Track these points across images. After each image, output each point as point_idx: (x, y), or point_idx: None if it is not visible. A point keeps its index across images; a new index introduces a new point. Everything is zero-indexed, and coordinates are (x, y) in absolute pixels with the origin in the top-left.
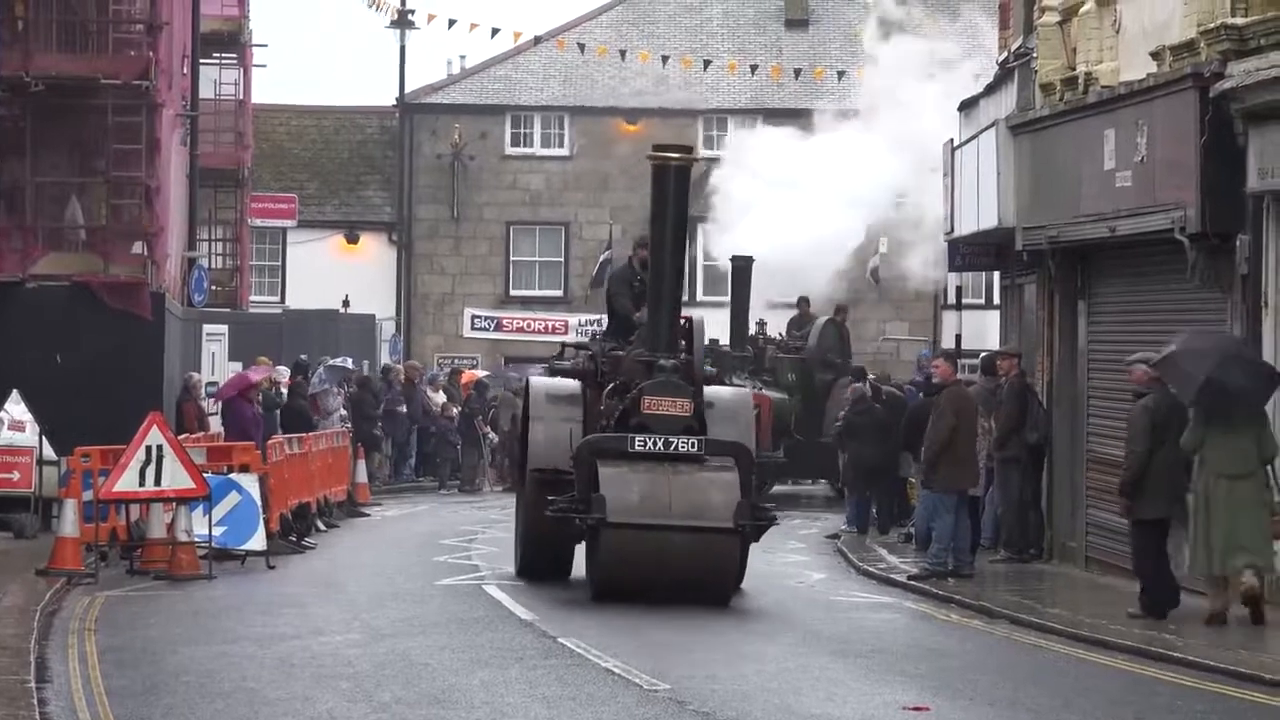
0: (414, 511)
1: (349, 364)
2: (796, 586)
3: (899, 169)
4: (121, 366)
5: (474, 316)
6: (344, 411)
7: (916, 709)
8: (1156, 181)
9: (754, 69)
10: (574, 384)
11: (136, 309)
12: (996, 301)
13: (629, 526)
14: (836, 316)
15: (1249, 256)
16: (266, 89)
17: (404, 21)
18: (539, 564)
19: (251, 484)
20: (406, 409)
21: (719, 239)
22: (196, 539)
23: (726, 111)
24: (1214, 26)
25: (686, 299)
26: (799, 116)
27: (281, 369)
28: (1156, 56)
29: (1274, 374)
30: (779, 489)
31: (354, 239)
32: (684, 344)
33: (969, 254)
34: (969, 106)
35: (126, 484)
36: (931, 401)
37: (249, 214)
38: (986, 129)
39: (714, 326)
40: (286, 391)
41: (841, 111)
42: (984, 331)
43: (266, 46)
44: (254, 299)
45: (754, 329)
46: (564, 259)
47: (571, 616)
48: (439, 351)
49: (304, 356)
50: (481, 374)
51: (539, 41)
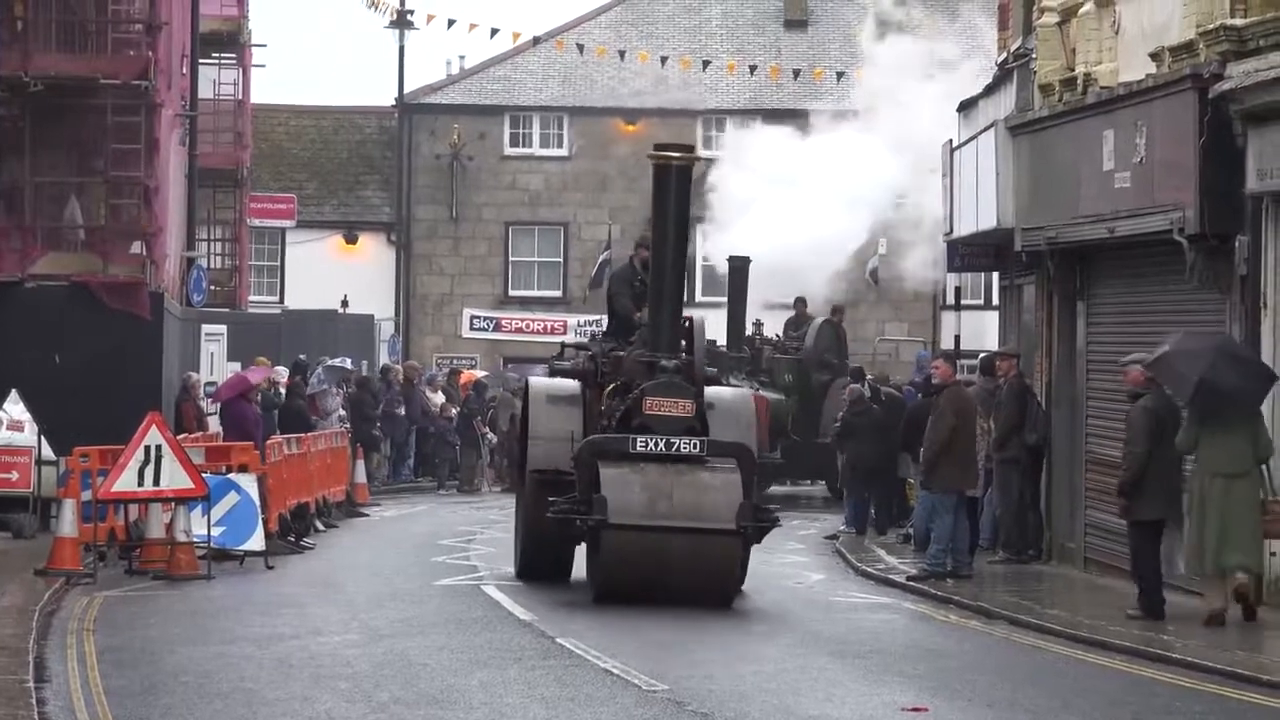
0: (412, 512)
1: (347, 364)
2: (795, 587)
3: (898, 169)
4: (120, 366)
5: (473, 317)
6: (342, 412)
7: (915, 709)
8: (1155, 182)
9: (753, 69)
10: (574, 384)
11: (135, 309)
12: (995, 302)
13: (630, 528)
14: (833, 317)
15: (1248, 257)
16: (266, 89)
17: (403, 22)
18: (539, 565)
19: (250, 484)
20: (405, 409)
21: (716, 239)
22: (195, 539)
23: (725, 112)
24: (1213, 27)
25: (685, 299)
26: (798, 117)
27: (280, 369)
28: (1156, 57)
29: (1269, 373)
30: (778, 490)
31: (353, 239)
32: (685, 344)
33: (968, 255)
34: (968, 107)
35: (125, 484)
36: (930, 402)
37: (248, 214)
38: (985, 130)
39: (711, 327)
40: (284, 392)
41: (839, 112)
42: (983, 332)
43: (266, 46)
44: (253, 299)
45: (751, 329)
46: (563, 259)
47: (570, 617)
48: (438, 352)
49: (303, 357)
50: (480, 374)
51: (538, 42)
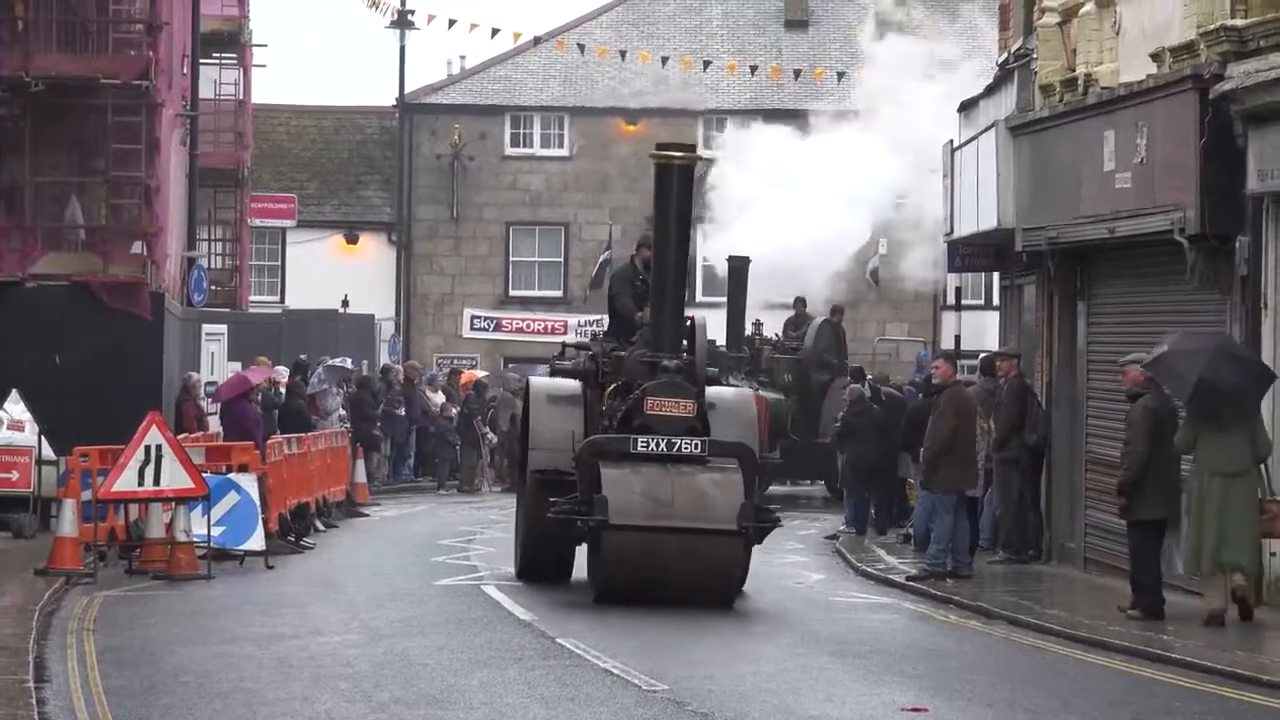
0: (412, 512)
1: (348, 364)
2: (795, 587)
3: (898, 170)
4: (120, 366)
5: (473, 317)
6: (342, 412)
7: (915, 709)
8: (1156, 183)
9: (754, 70)
10: (575, 385)
11: (136, 309)
12: (996, 302)
13: (632, 528)
14: (833, 317)
15: (1248, 258)
16: (266, 89)
17: (404, 22)
18: (540, 566)
19: (250, 484)
20: (405, 409)
21: (716, 239)
22: (195, 539)
23: (726, 112)
24: (1214, 28)
25: (686, 299)
26: (798, 117)
27: (281, 369)
28: (1156, 58)
29: (1266, 372)
30: (778, 490)
31: (353, 239)
32: (686, 344)
33: (968, 255)
34: (969, 107)
35: (125, 484)
36: (930, 402)
37: (248, 214)
38: (986, 130)
39: (710, 327)
40: (284, 391)
41: (840, 112)
42: (983, 332)
43: (266, 46)
44: (253, 299)
45: (750, 329)
46: (563, 259)
47: (570, 617)
48: (438, 352)
49: (303, 356)
50: (481, 374)
51: (539, 42)
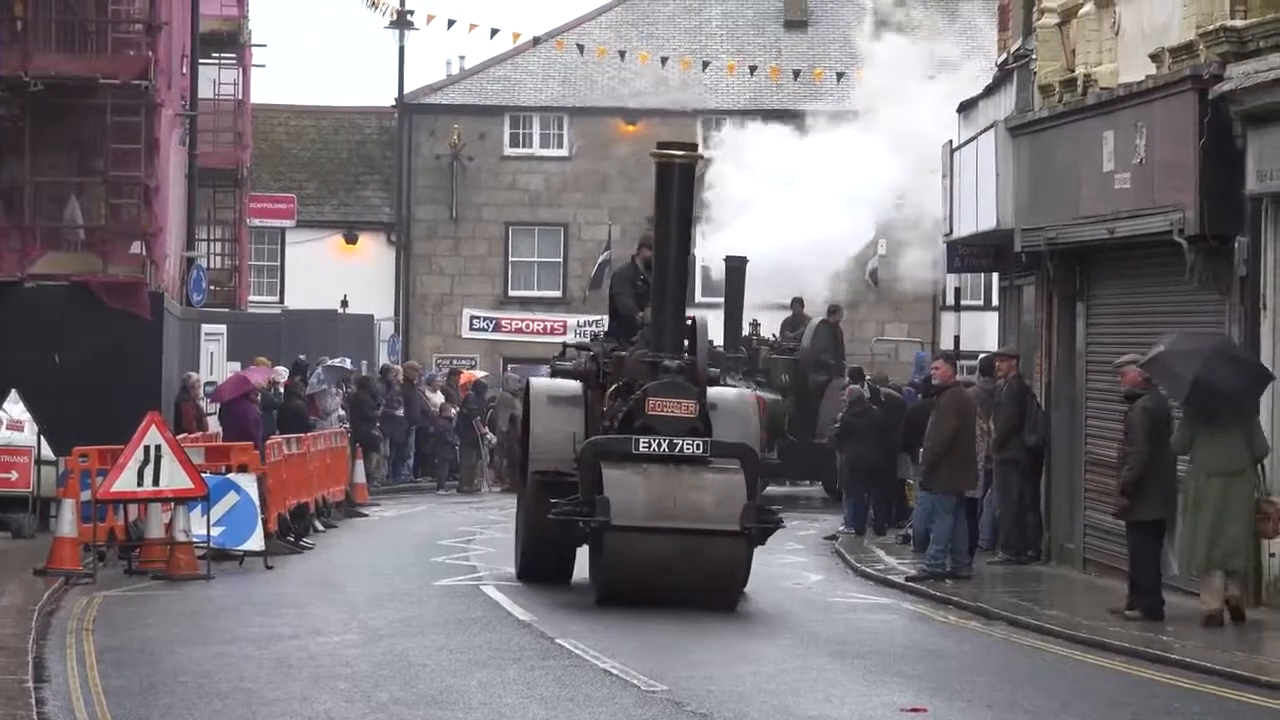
0: (412, 512)
1: (347, 364)
2: (794, 588)
3: (897, 170)
4: (120, 366)
5: (472, 317)
6: (342, 412)
7: (914, 710)
8: (1155, 183)
9: (753, 70)
10: (575, 385)
11: (135, 309)
12: (995, 303)
13: (633, 530)
14: (830, 317)
15: (1247, 258)
16: (265, 89)
17: (403, 22)
18: (540, 567)
19: (250, 484)
20: (405, 409)
21: (715, 239)
22: (195, 539)
23: (725, 112)
24: (1213, 29)
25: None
26: (797, 117)
27: (280, 369)
28: (1155, 58)
29: (1263, 372)
30: (777, 490)
31: (353, 239)
32: (687, 344)
33: (968, 255)
34: (968, 108)
35: (125, 484)
36: (930, 403)
37: (248, 214)
38: (985, 130)
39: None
40: (283, 391)
41: (839, 113)
42: (982, 333)
43: (266, 46)
44: (252, 299)
45: (748, 330)
46: (563, 260)
47: (569, 617)
48: (437, 352)
49: (302, 357)
50: (480, 374)
51: (538, 42)
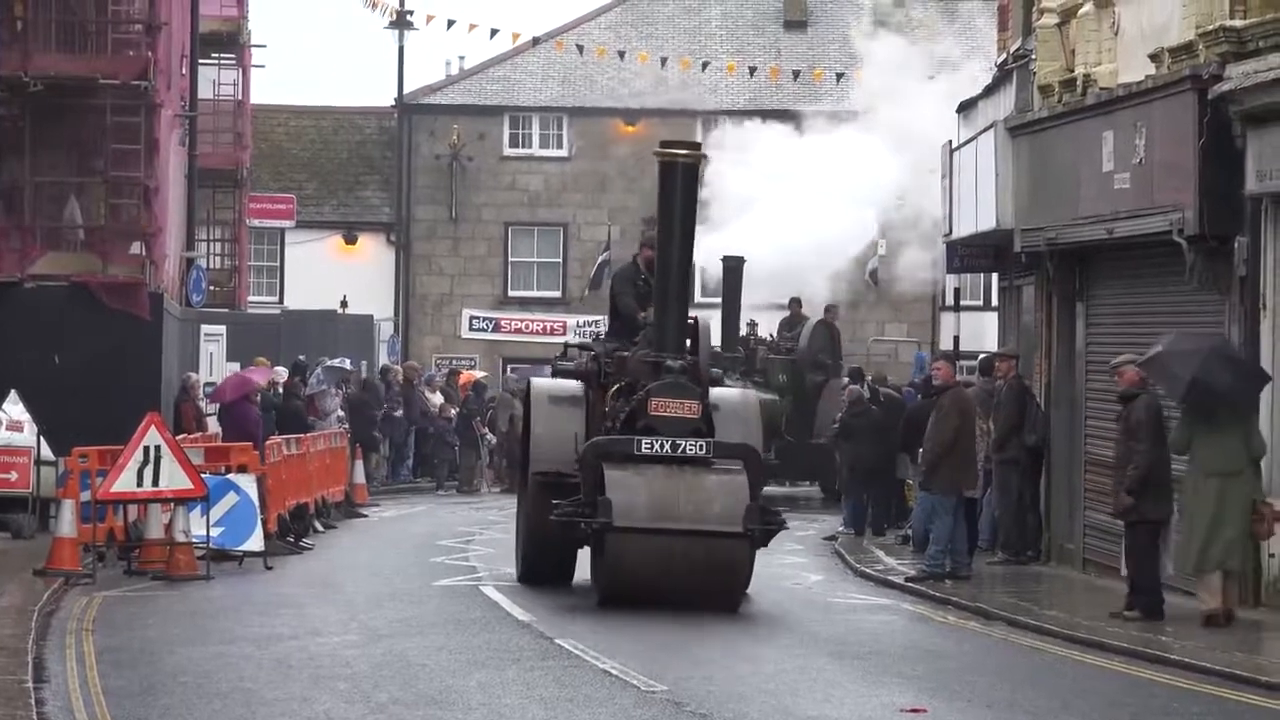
0: (411, 512)
1: (346, 365)
2: (794, 588)
3: (897, 170)
4: (119, 367)
5: (472, 317)
6: (341, 412)
7: (914, 710)
8: (1155, 183)
9: (752, 70)
10: (576, 385)
11: (135, 309)
12: (995, 303)
13: (636, 531)
14: (826, 317)
15: (1247, 259)
16: (265, 89)
17: (402, 22)
18: (541, 569)
19: (249, 485)
20: (404, 410)
21: (713, 239)
22: (194, 539)
23: (725, 113)
24: (1212, 29)
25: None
26: (797, 118)
27: (280, 370)
28: (1155, 58)
29: (1260, 373)
30: (776, 491)
31: (352, 239)
32: (689, 344)
33: (967, 255)
34: (967, 108)
35: (124, 484)
36: (929, 403)
37: (247, 214)
38: (985, 130)
39: None
40: (281, 392)
41: (838, 113)
42: (982, 333)
43: (265, 47)
44: (252, 299)
45: (745, 330)
46: (562, 260)
47: (569, 618)
48: (437, 352)
49: (302, 357)
50: (479, 375)
51: (538, 42)
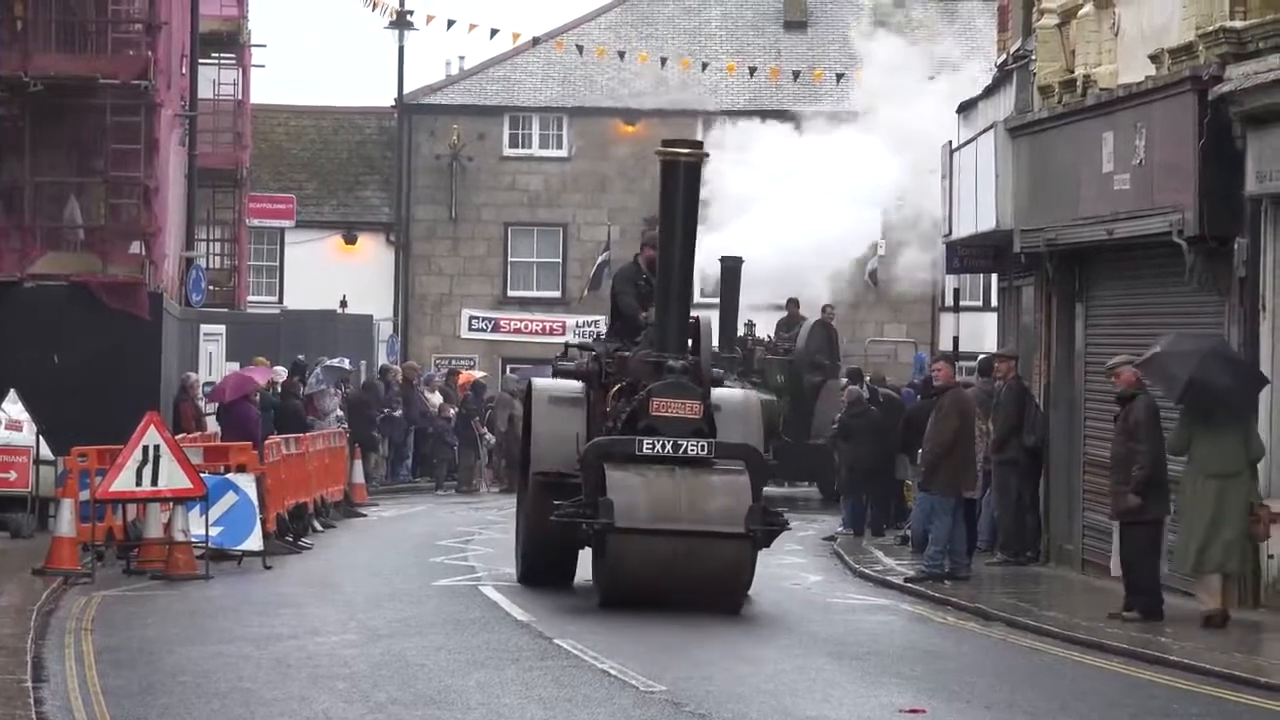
0: (411, 512)
1: (346, 364)
2: (793, 588)
3: (897, 170)
4: (119, 366)
5: (471, 317)
6: (340, 412)
7: (913, 711)
8: (1155, 184)
9: (752, 71)
10: (577, 385)
11: (134, 309)
12: (994, 304)
13: (637, 532)
14: (823, 317)
15: (1247, 260)
16: (265, 89)
17: (402, 22)
18: (542, 570)
19: (248, 484)
20: (404, 410)
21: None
22: (193, 539)
23: (725, 113)
24: (1212, 30)
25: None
26: (797, 118)
27: (280, 369)
28: (1155, 59)
29: (1258, 374)
30: (775, 491)
31: (352, 239)
32: (691, 344)
33: (967, 256)
34: (967, 108)
35: (123, 484)
36: (929, 404)
37: (247, 214)
38: (985, 131)
39: None
40: (280, 391)
41: (839, 113)
42: (981, 334)
43: (265, 47)
44: (252, 299)
45: (742, 330)
46: (562, 260)
47: (568, 618)
48: (436, 352)
49: (301, 357)
50: (478, 375)
51: (538, 43)
